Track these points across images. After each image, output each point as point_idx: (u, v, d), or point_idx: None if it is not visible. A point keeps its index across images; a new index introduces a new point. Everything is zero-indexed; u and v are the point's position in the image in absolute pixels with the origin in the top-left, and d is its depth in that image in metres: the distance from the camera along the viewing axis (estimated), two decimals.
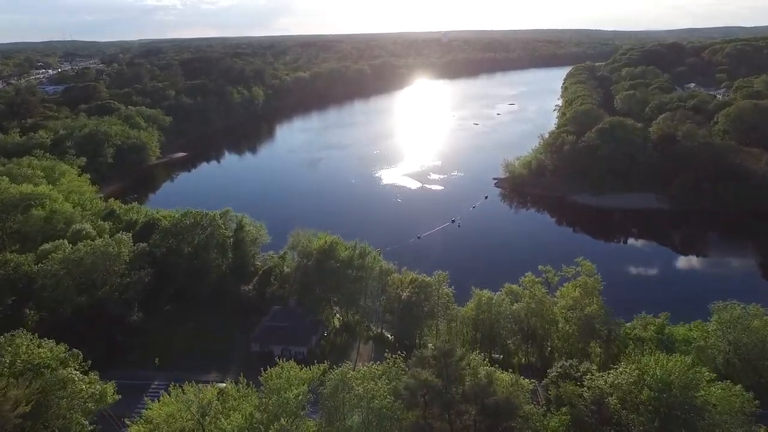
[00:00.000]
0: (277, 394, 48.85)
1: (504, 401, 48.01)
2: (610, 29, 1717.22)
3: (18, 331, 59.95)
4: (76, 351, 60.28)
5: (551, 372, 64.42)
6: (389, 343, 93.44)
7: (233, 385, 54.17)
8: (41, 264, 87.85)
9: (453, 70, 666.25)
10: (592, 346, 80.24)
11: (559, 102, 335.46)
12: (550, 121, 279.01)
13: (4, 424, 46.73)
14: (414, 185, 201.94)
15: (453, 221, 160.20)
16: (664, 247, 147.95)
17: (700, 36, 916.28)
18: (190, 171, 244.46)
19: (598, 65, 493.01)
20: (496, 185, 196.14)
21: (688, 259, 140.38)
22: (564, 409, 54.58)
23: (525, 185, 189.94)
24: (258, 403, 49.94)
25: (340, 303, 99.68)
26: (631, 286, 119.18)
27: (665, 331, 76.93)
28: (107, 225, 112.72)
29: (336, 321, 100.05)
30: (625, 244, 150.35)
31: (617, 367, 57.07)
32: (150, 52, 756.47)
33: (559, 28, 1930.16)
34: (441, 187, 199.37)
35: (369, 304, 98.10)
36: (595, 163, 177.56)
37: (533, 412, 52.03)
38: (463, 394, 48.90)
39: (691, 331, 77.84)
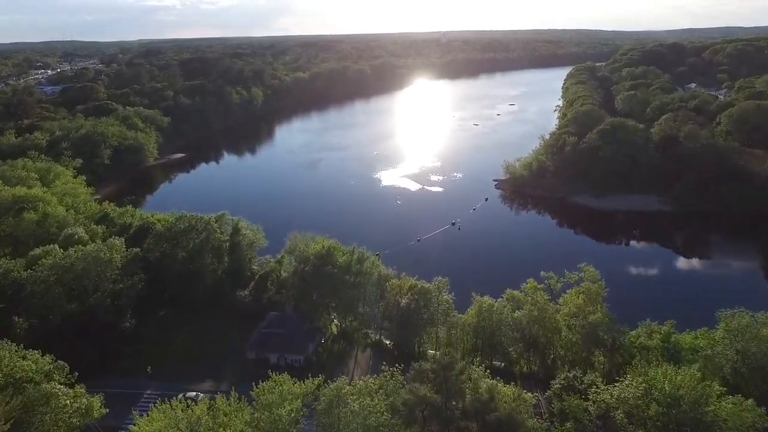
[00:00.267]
0: (269, 411, 46.83)
1: (506, 417, 46.24)
2: (610, 29, 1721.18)
3: (1, 341, 57.79)
4: (62, 363, 58.18)
5: (554, 384, 62.28)
6: (388, 350, 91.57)
7: (224, 400, 52.05)
8: (31, 270, 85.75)
9: (453, 71, 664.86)
10: (596, 354, 78.21)
11: (560, 102, 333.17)
12: (551, 122, 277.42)
13: None
14: (414, 186, 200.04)
15: (453, 224, 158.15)
16: (666, 249, 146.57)
17: (701, 36, 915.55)
18: (188, 172, 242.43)
19: (599, 65, 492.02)
20: (497, 187, 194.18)
21: (691, 261, 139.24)
22: (568, 425, 52.72)
23: (526, 187, 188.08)
24: (249, 419, 47.92)
25: (338, 309, 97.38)
26: (632, 288, 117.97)
27: (671, 339, 74.84)
28: (100, 229, 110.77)
29: (333, 327, 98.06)
30: (627, 246, 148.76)
31: (623, 380, 55.23)
32: (150, 53, 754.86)
33: (559, 28, 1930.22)
34: (441, 189, 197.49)
35: (367, 310, 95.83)
36: (597, 165, 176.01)
37: (536, 427, 50.17)
38: (463, 410, 47.10)
39: (698, 339, 75.70)
